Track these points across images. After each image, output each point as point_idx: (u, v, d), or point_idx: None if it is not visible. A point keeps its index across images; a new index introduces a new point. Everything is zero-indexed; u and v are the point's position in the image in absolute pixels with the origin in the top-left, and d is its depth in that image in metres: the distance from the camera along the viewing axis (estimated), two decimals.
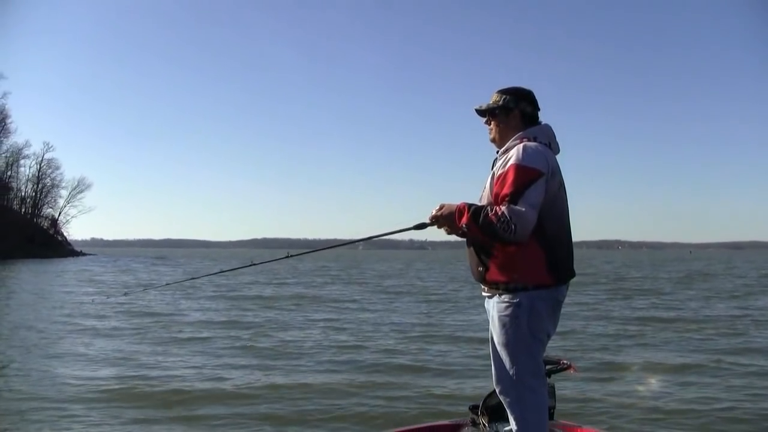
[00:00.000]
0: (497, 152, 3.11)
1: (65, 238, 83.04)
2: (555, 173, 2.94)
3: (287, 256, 3.88)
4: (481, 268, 2.97)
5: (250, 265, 4.16)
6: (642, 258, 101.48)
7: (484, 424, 3.54)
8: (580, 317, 14.25)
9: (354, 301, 19.05)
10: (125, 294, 11.84)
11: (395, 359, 9.24)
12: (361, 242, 3.54)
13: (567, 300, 3.08)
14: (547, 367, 3.44)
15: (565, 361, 3.70)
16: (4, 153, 74.72)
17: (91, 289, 23.12)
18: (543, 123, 3.12)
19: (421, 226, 3.09)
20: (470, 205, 2.87)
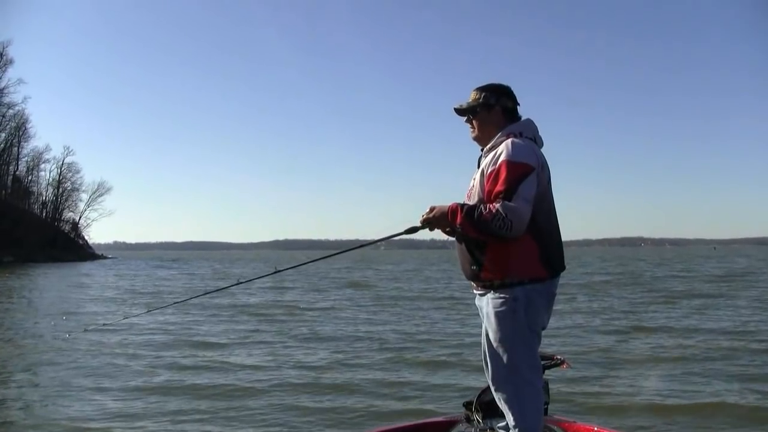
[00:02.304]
0: (482, 150, 3.10)
1: (86, 241, 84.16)
2: (544, 167, 2.96)
3: (275, 272, 3.93)
4: (474, 267, 2.94)
5: (237, 284, 4.09)
6: (668, 254, 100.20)
7: (478, 420, 3.52)
8: (577, 313, 14.16)
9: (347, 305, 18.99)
10: (103, 324, 10.13)
11: (387, 356, 9.26)
12: (378, 244, 3.52)
13: (564, 295, 3.06)
14: (541, 362, 3.43)
15: (558, 357, 3.68)
16: (24, 157, 76.07)
17: (79, 296, 22.02)
18: (525, 118, 3.11)
19: (412, 230, 3.09)
20: (462, 205, 2.87)
